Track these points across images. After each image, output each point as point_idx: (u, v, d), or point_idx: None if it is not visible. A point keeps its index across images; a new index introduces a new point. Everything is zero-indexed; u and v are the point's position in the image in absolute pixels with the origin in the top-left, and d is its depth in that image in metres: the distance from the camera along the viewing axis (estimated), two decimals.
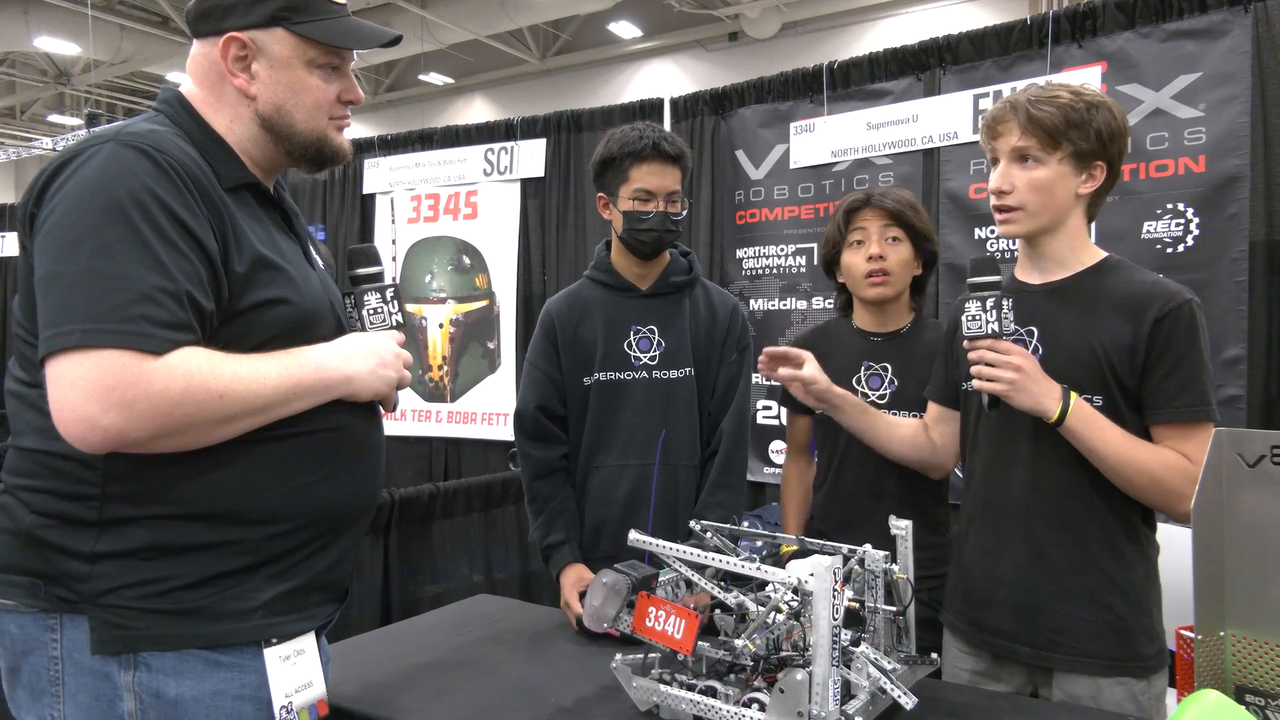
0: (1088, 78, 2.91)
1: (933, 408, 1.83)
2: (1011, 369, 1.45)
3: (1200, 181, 2.77)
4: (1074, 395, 1.46)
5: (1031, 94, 1.54)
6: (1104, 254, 1.61)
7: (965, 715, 1.40)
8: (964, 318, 1.51)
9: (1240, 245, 2.70)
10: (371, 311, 1.32)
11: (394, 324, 1.33)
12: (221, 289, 1.14)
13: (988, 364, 1.48)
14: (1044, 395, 1.45)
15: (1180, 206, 2.79)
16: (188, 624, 1.13)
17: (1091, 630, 1.50)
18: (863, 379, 2.04)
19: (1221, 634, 1.13)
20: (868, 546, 1.45)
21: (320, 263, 1.37)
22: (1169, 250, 2.78)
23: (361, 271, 1.35)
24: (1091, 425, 1.46)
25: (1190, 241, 2.77)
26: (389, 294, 1.34)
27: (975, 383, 1.50)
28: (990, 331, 1.48)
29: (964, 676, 1.66)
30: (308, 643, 1.23)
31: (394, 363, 1.28)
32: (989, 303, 1.48)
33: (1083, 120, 1.50)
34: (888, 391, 2.01)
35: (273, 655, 1.18)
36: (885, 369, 2.02)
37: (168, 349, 1.05)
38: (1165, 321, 1.47)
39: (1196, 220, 2.77)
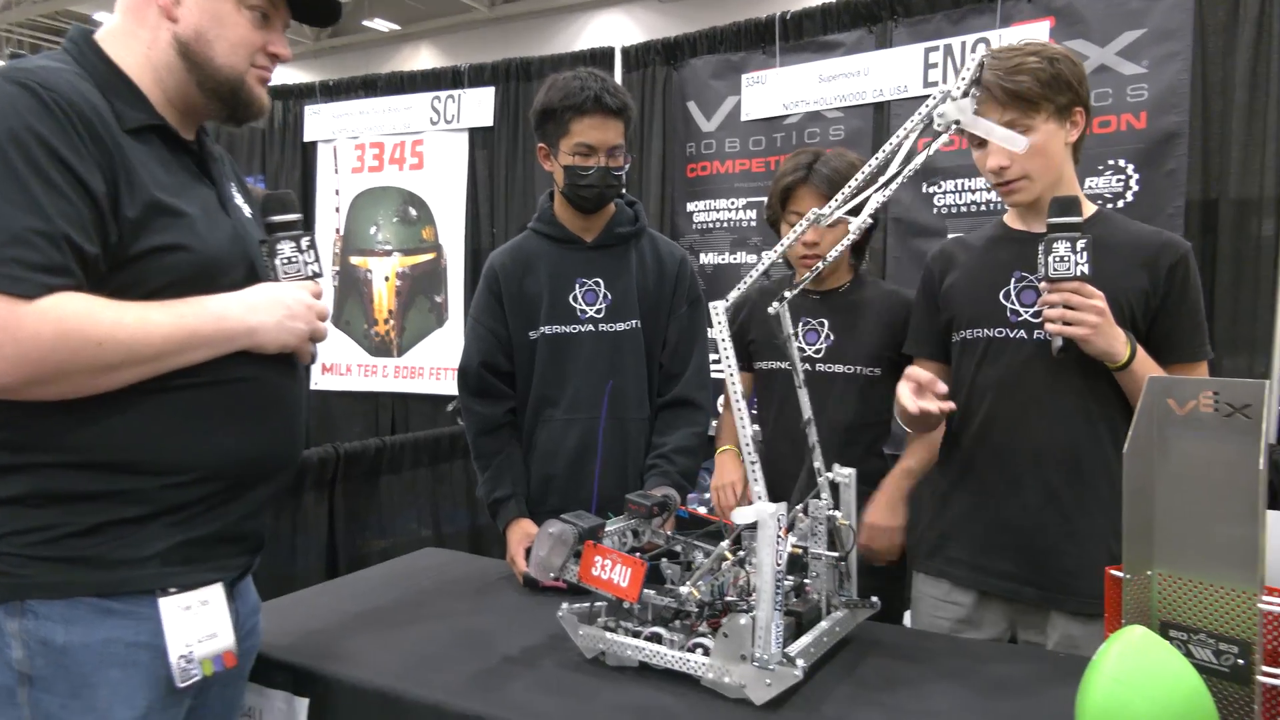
0: (1036, 32, 2.93)
1: (922, 365, 1.78)
2: (1095, 313, 1.45)
3: (1141, 138, 2.81)
4: (1133, 339, 1.50)
5: (996, 69, 1.54)
6: (1093, 207, 1.65)
7: (902, 653, 1.43)
8: (1051, 258, 1.46)
9: (1177, 201, 2.76)
10: (285, 261, 1.27)
11: (310, 274, 1.28)
12: (109, 232, 1.09)
13: (1069, 307, 1.46)
14: (1116, 339, 1.48)
15: (1121, 162, 2.83)
16: (77, 572, 1.11)
17: (1099, 573, 1.53)
18: (800, 334, 2.05)
19: (1149, 573, 1.17)
20: (839, 466, 1.46)
21: (246, 210, 1.32)
22: (1109, 205, 2.83)
23: (275, 219, 1.29)
24: (1147, 367, 1.51)
25: (1130, 197, 2.82)
26: (304, 243, 1.29)
27: (1052, 327, 1.48)
28: (1079, 274, 1.45)
29: (943, 625, 1.69)
30: (213, 593, 1.20)
31: (304, 314, 1.24)
32: (1079, 244, 1.44)
33: (1052, 77, 1.54)
34: (823, 346, 2.03)
35: (170, 604, 1.15)
36: (822, 324, 2.04)
37: (40, 293, 1.02)
38: (1178, 268, 1.55)
39: (1136, 176, 2.82)
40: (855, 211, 1.96)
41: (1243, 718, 1.09)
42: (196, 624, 1.18)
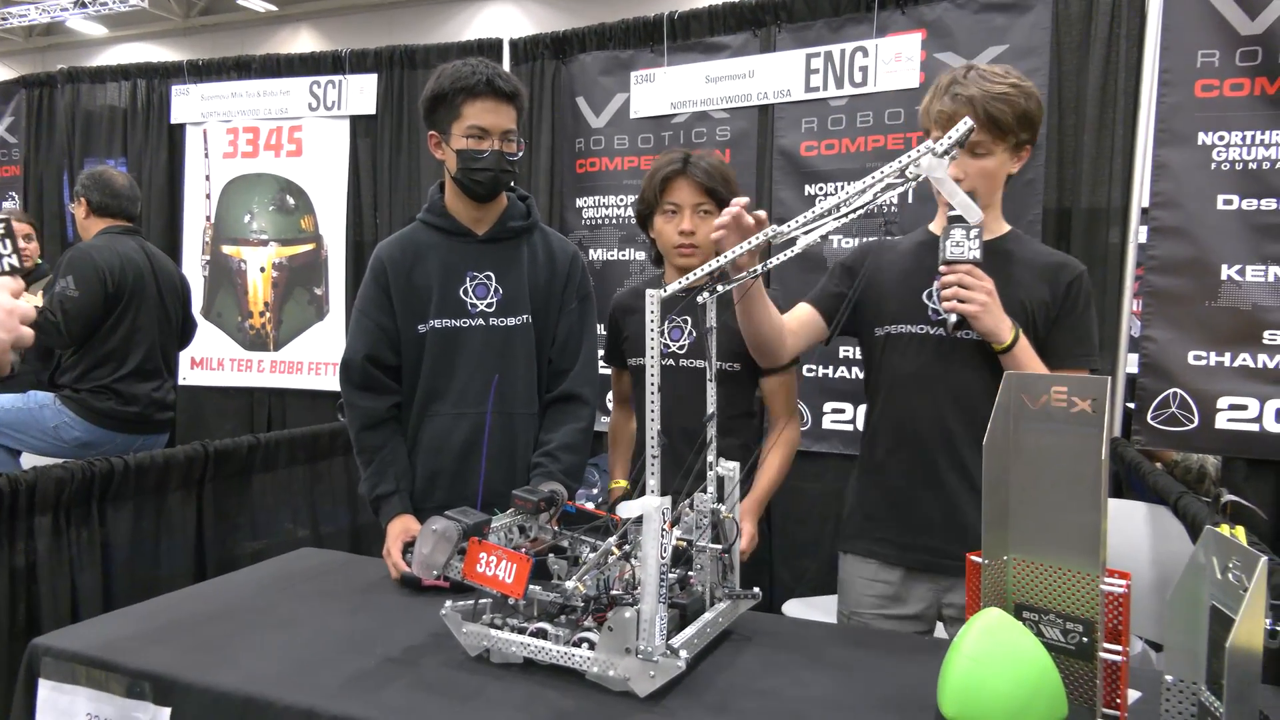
0: (909, 43, 3.06)
1: (807, 310, 1.87)
2: (985, 293, 1.60)
3: None
4: (1019, 327, 1.65)
5: (982, 88, 1.66)
6: (1008, 226, 1.81)
7: (781, 642, 1.48)
8: (948, 243, 1.61)
9: (1035, 209, 2.94)
10: None
11: (5, 269, 1.11)
12: None
13: (963, 287, 1.60)
14: (1002, 322, 1.63)
15: None
16: None
17: None
18: (665, 330, 2.11)
19: (1005, 558, 1.25)
20: (724, 461, 1.50)
21: None
22: None
23: None
24: (1029, 353, 1.65)
25: None
26: None
27: (947, 305, 1.61)
28: (972, 258, 1.59)
29: (872, 601, 1.80)
30: None
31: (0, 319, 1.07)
32: (972, 233, 1.60)
33: (1024, 112, 1.68)
34: (686, 343, 2.08)
35: None
36: (686, 321, 2.09)
37: None
38: (1074, 284, 1.73)
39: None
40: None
41: (1086, 691, 1.17)
42: None
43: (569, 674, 1.29)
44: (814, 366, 3.24)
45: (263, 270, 4.46)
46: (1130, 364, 2.90)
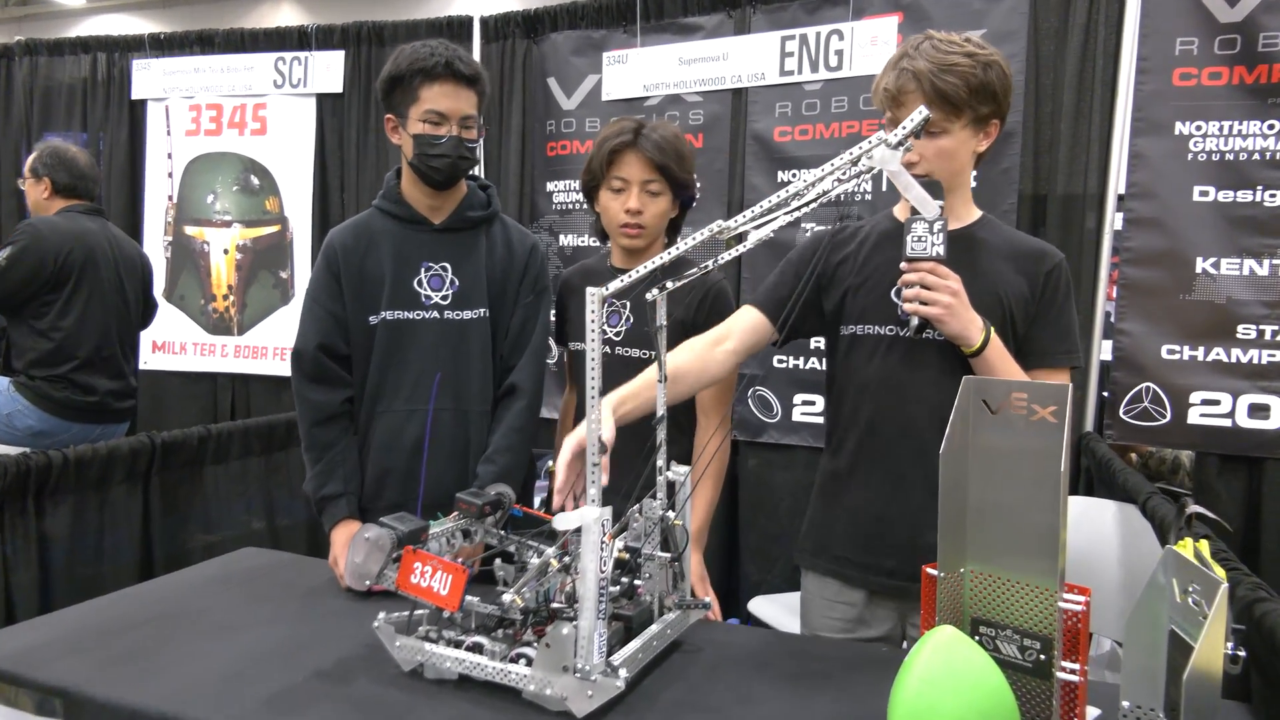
0: (885, 27, 2.99)
1: (752, 314, 1.69)
2: (949, 293, 1.46)
3: None
4: (991, 327, 1.51)
5: (931, 60, 1.51)
6: (979, 211, 1.66)
7: (732, 653, 1.43)
8: (910, 238, 1.47)
9: (1010, 197, 2.88)
10: None
11: None
12: None
13: (926, 287, 1.46)
14: (970, 324, 1.48)
15: None
16: None
17: None
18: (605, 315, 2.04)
19: (962, 570, 1.19)
20: (675, 464, 1.43)
21: None
22: None
23: None
24: (1003, 357, 1.51)
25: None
26: None
27: (909, 306, 1.48)
28: (935, 254, 1.46)
29: (835, 625, 1.69)
30: None
31: None
32: (936, 226, 1.45)
33: (981, 84, 1.52)
34: (624, 329, 2.01)
35: None
36: (625, 305, 2.01)
37: None
38: (1053, 275, 1.58)
39: (975, 172, 2.91)
40: (681, 194, 1.97)
41: (1042, 711, 1.13)
42: None
43: (505, 691, 1.23)
44: (784, 357, 3.18)
45: (226, 252, 4.35)
46: (1104, 351, 2.86)
